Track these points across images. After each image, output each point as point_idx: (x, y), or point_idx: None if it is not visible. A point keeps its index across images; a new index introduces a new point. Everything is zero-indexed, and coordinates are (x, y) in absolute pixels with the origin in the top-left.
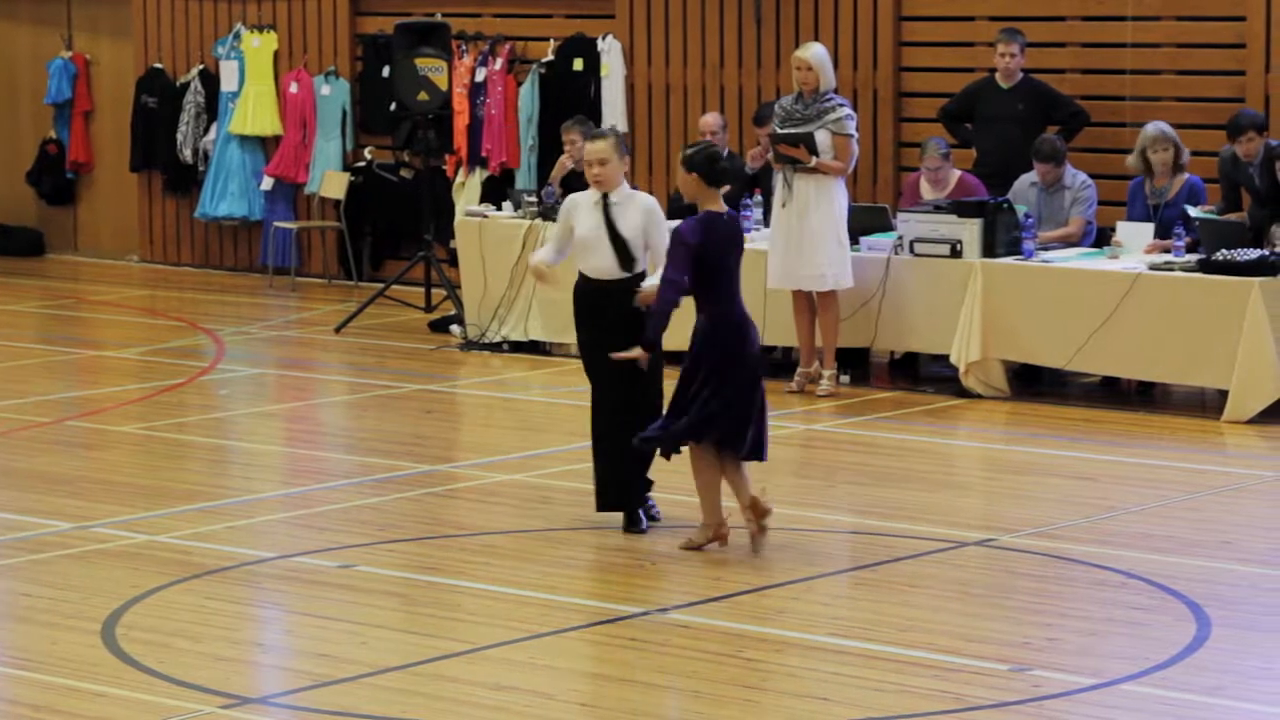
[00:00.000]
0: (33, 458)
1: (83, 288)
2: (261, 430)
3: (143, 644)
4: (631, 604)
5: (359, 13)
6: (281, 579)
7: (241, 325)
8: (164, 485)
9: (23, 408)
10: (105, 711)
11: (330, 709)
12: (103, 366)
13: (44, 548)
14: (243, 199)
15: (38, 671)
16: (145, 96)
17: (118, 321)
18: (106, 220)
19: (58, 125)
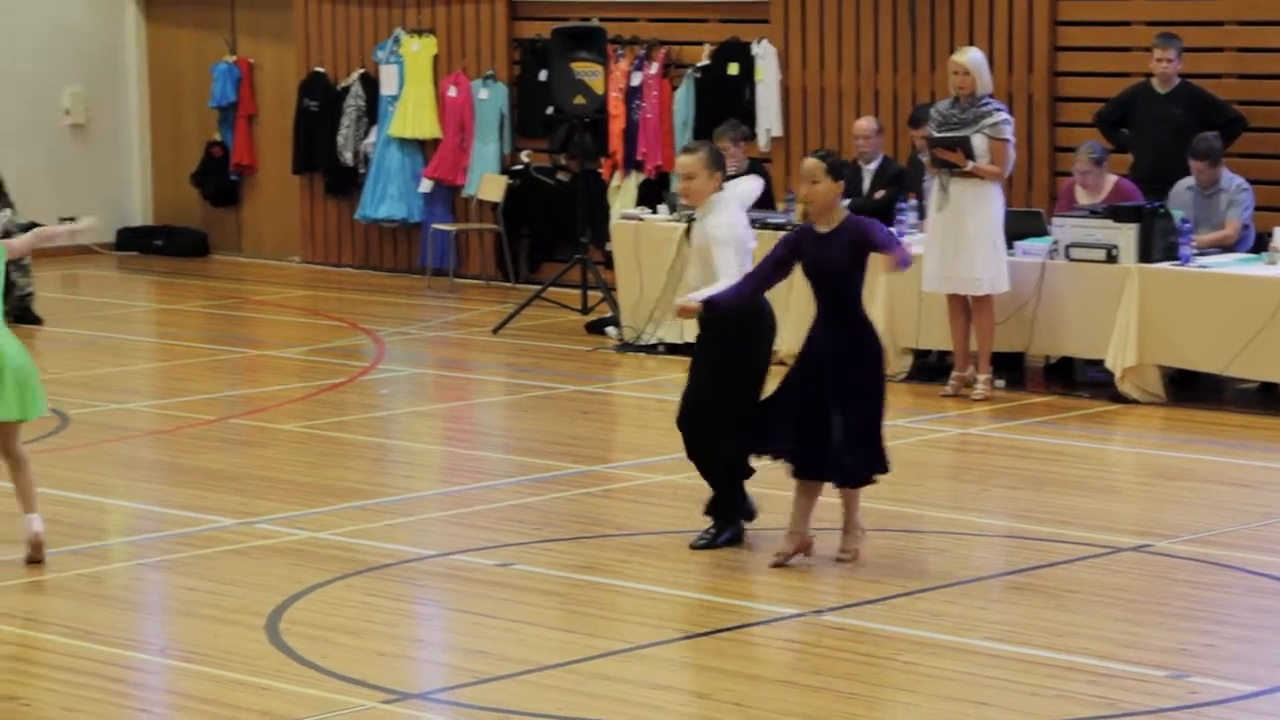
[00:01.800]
0: (197, 455)
1: (246, 288)
2: (421, 429)
3: (305, 638)
4: (788, 605)
5: (517, 17)
6: (441, 576)
7: (401, 326)
8: (326, 483)
9: (188, 406)
10: (269, 704)
11: (489, 705)
12: (265, 365)
13: (209, 543)
14: (402, 201)
15: (203, 664)
16: (307, 100)
17: (280, 321)
18: (269, 221)
19: (222, 128)
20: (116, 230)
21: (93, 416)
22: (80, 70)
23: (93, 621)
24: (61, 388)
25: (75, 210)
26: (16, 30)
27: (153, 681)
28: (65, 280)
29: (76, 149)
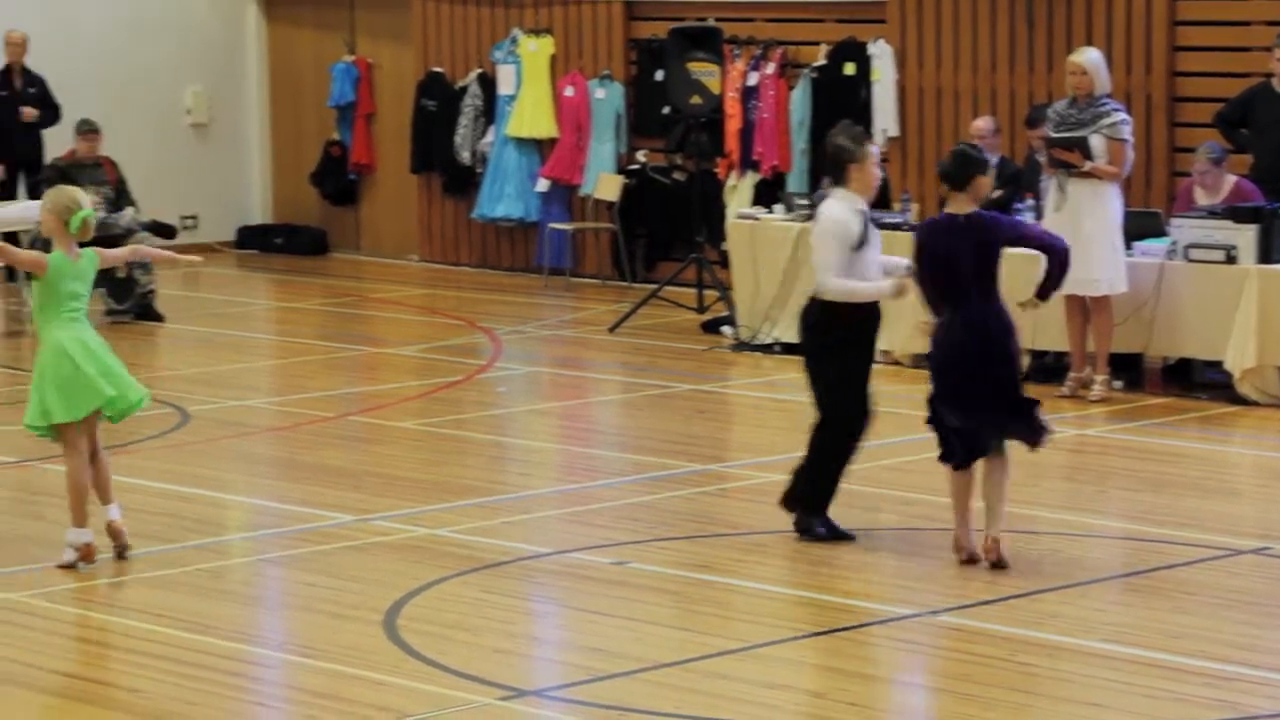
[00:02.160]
0: (316, 451)
1: (364, 286)
2: (537, 427)
3: (422, 635)
4: (904, 605)
5: (633, 17)
6: (557, 574)
7: (518, 324)
8: (443, 480)
9: (306, 403)
10: (386, 700)
11: (605, 703)
12: (383, 363)
13: (327, 539)
14: (519, 200)
15: (321, 659)
16: (425, 99)
17: (398, 319)
18: (387, 220)
19: (340, 128)
20: (237, 229)
21: (213, 413)
22: (202, 70)
23: (212, 616)
24: (182, 384)
25: (195, 209)
26: (141, 30)
27: (271, 676)
28: (186, 278)
29: (198, 148)
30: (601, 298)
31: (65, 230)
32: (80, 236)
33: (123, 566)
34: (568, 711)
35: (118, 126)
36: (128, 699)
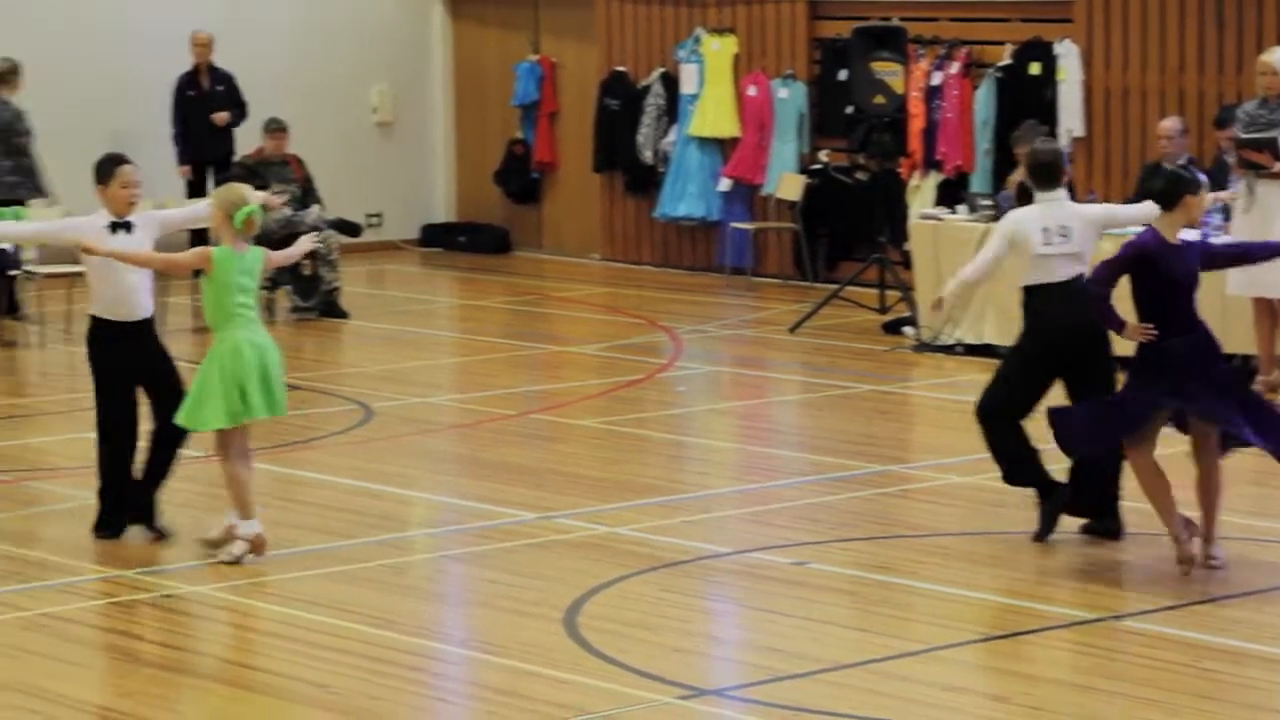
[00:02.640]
0: (498, 449)
1: (546, 285)
2: (717, 427)
3: (603, 633)
4: (1086, 609)
5: (817, 16)
6: (736, 573)
7: (699, 324)
8: (623, 479)
9: (488, 400)
10: (566, 697)
11: (784, 703)
12: (565, 362)
13: (509, 537)
14: (701, 200)
15: (502, 656)
16: (608, 99)
17: (579, 318)
18: (569, 219)
19: (524, 126)
20: (421, 227)
21: (396, 410)
22: (388, 69)
23: (395, 611)
24: (366, 381)
25: (380, 207)
26: (328, 30)
27: (452, 672)
28: (371, 275)
29: (383, 146)
30: (782, 297)
31: (231, 226)
32: (245, 232)
33: (308, 561)
34: (746, 711)
35: (305, 125)
36: (314, 693)
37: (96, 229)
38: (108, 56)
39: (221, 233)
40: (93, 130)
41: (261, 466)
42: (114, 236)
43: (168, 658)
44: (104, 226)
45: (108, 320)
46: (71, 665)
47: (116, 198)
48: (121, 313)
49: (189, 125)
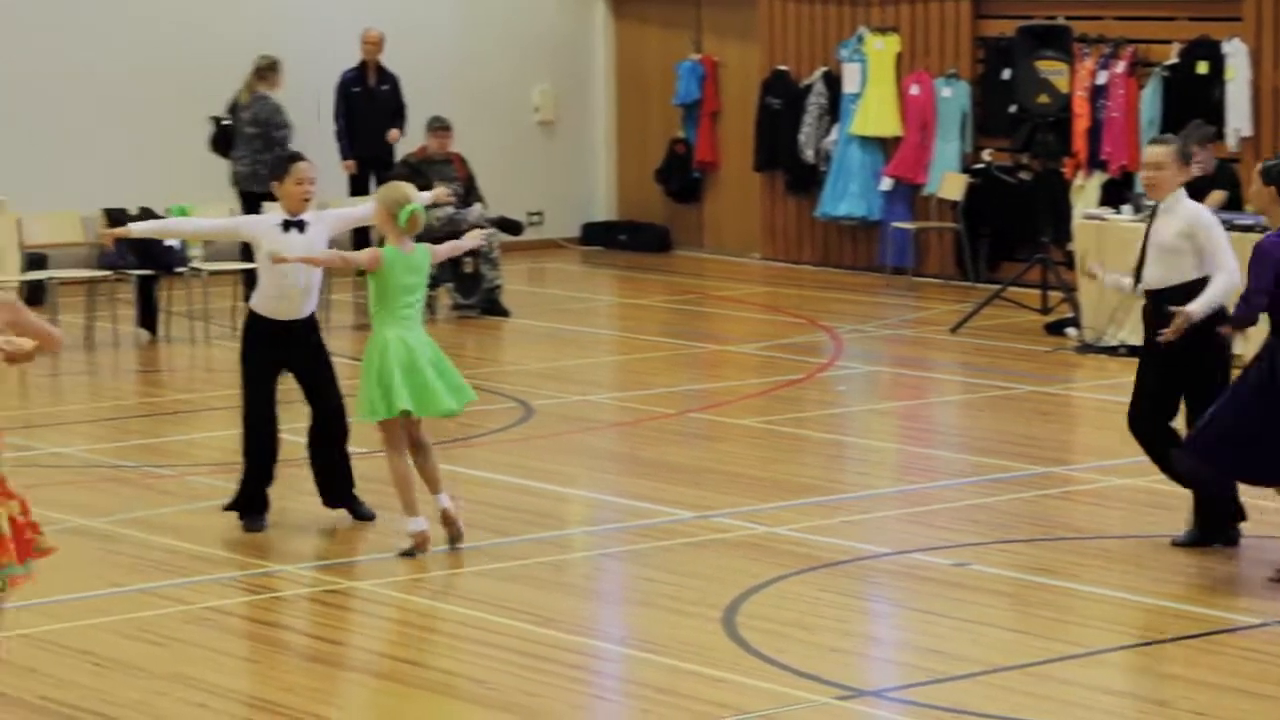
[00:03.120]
0: (657, 447)
1: (707, 284)
2: (877, 427)
3: (761, 632)
4: (1251, 614)
5: (980, 15)
6: (895, 574)
7: (859, 323)
8: (782, 478)
9: (648, 399)
10: (724, 696)
11: (942, 704)
12: (724, 361)
13: (668, 535)
14: (862, 199)
15: (660, 654)
16: (770, 98)
17: (739, 317)
18: (730, 218)
19: (686, 125)
20: (581, 225)
21: (556, 408)
22: (550, 68)
23: (554, 609)
24: (527, 379)
25: (541, 206)
26: (492, 30)
27: (610, 669)
28: (532, 274)
29: (544, 145)
30: (944, 297)
31: (395, 224)
32: (409, 230)
33: (467, 558)
34: (904, 713)
35: (468, 124)
36: (472, 689)
37: (269, 226)
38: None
39: (386, 231)
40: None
41: None
42: (286, 234)
43: (327, 652)
44: (277, 224)
45: (268, 318)
46: (233, 658)
47: (291, 194)
48: (285, 311)
49: (353, 122)
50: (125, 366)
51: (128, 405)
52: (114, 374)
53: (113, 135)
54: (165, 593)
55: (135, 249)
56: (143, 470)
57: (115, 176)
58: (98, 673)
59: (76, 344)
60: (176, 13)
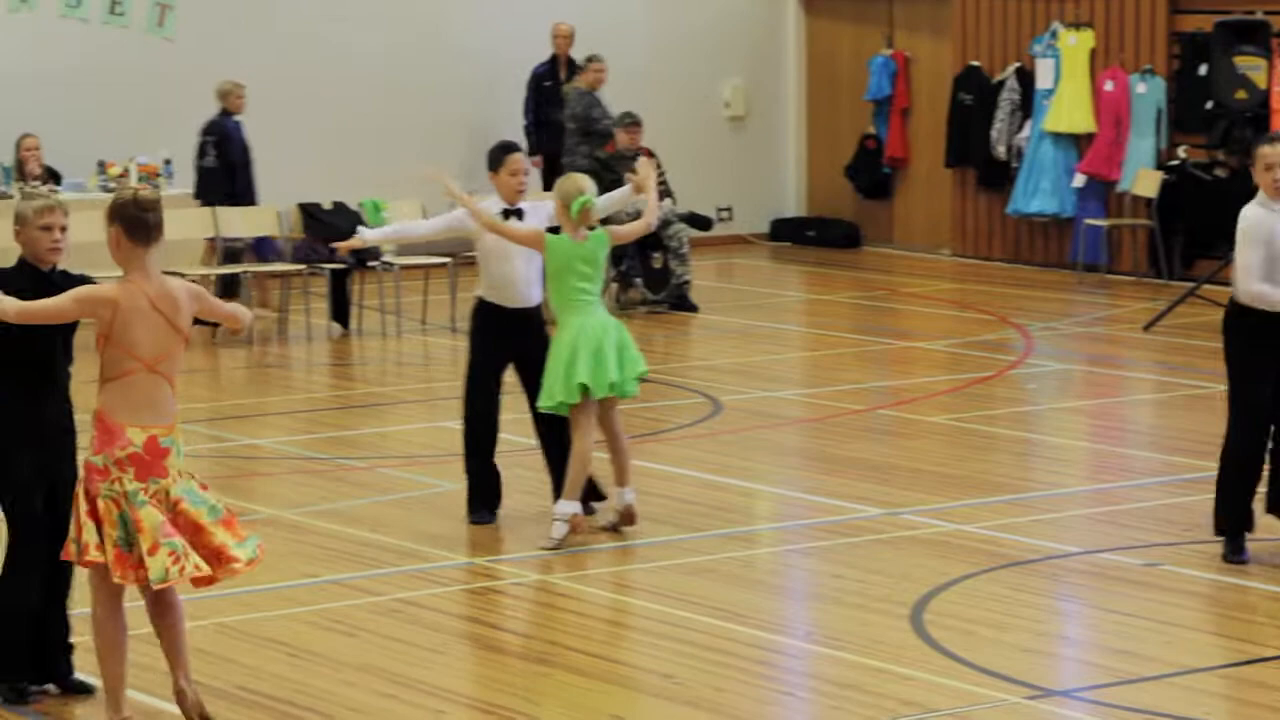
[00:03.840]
0: (846, 444)
1: (895, 280)
2: (1068, 425)
3: (949, 630)
4: None
5: (1176, 10)
6: (1085, 574)
7: (1050, 321)
8: (971, 475)
9: (836, 395)
10: (911, 694)
11: (1133, 706)
12: (913, 357)
13: (855, 532)
14: (1054, 196)
15: (847, 651)
16: (962, 93)
17: (928, 314)
18: (920, 214)
19: (876, 121)
20: (770, 221)
21: (744, 403)
22: (741, 64)
23: (741, 604)
24: (715, 374)
25: (730, 201)
26: (683, 26)
27: (797, 666)
28: (720, 269)
29: (734, 140)
30: (1137, 295)
31: (567, 215)
32: (580, 222)
33: (654, 553)
34: (1094, 713)
35: (658, 119)
36: (659, 684)
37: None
38: (463, 46)
39: (561, 221)
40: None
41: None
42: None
43: (514, 644)
44: (496, 214)
45: (495, 305)
46: (421, 650)
47: (506, 185)
48: (509, 298)
49: (543, 116)
50: (318, 360)
51: (320, 398)
52: (307, 367)
53: (308, 131)
54: (356, 584)
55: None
56: (334, 463)
57: (310, 171)
58: (291, 663)
59: (270, 337)
60: (366, 8)
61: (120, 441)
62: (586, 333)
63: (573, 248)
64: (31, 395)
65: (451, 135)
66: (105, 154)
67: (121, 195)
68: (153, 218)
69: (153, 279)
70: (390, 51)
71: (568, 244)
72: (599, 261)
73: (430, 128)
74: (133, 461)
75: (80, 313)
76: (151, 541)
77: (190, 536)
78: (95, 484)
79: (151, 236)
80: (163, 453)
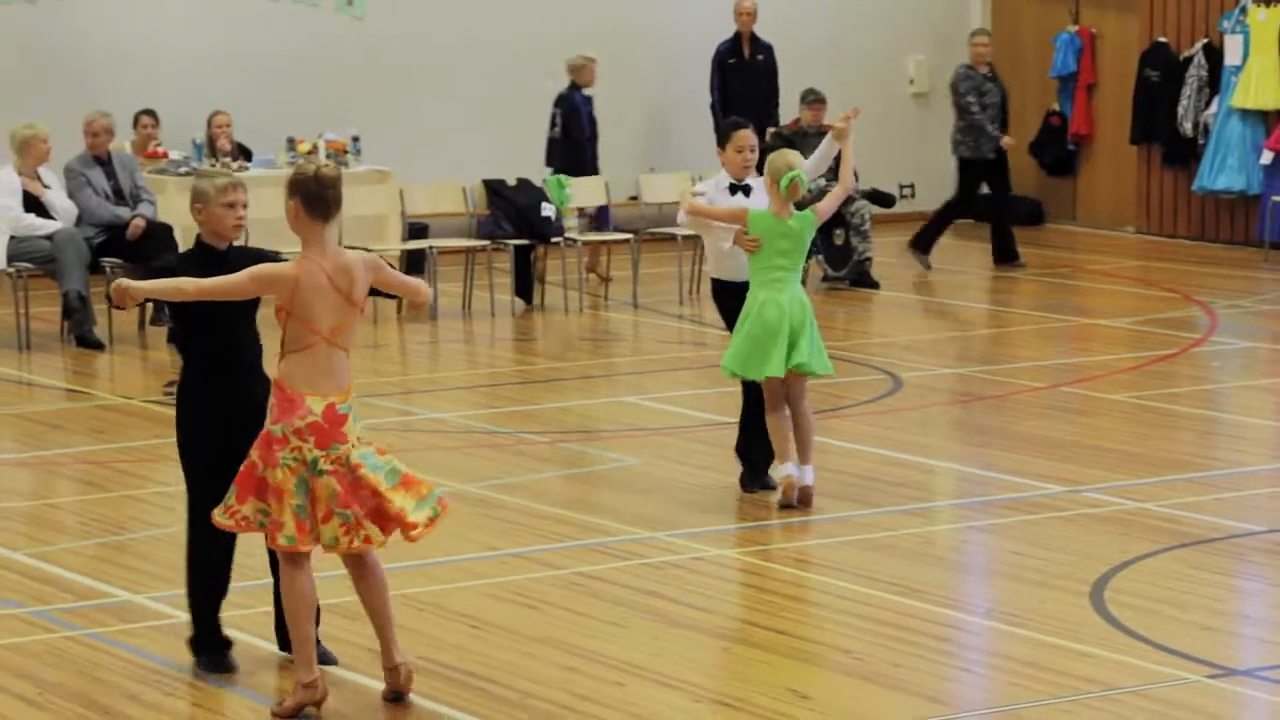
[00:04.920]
0: (1026, 421)
1: (1079, 257)
2: (1252, 403)
3: (1130, 608)
4: None
5: None
6: (1269, 552)
7: (1235, 298)
8: (1153, 453)
9: (1017, 372)
10: (1091, 671)
11: None
12: (1095, 335)
13: (1036, 509)
14: (1241, 173)
15: (1026, 628)
16: (1148, 70)
17: (1111, 290)
18: (1104, 191)
19: (1061, 98)
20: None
21: (924, 380)
22: (925, 40)
23: (920, 581)
24: (895, 351)
25: (913, 178)
26: (865, 2)
27: (975, 642)
28: (902, 246)
29: (917, 117)
30: None
31: (776, 190)
32: (789, 196)
33: (833, 528)
34: (1277, 693)
35: (841, 96)
36: (838, 658)
37: (719, 190)
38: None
39: (770, 196)
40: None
41: None
42: (733, 198)
43: (694, 618)
44: (724, 188)
45: (724, 280)
46: (604, 623)
47: (733, 161)
48: (731, 272)
49: (729, 94)
50: (501, 335)
51: (503, 373)
52: (490, 342)
53: (494, 107)
54: (537, 557)
55: (510, 217)
56: (516, 436)
57: (495, 148)
58: (472, 634)
59: (454, 312)
60: None
61: (300, 411)
62: (766, 310)
63: (776, 224)
64: (219, 376)
65: (634, 114)
66: (294, 131)
67: (303, 170)
68: (332, 194)
69: (329, 253)
70: (574, 30)
71: (771, 220)
72: (802, 241)
73: (613, 105)
74: (313, 430)
75: (258, 290)
76: (326, 509)
77: (370, 502)
78: (274, 454)
79: (330, 212)
80: (340, 419)
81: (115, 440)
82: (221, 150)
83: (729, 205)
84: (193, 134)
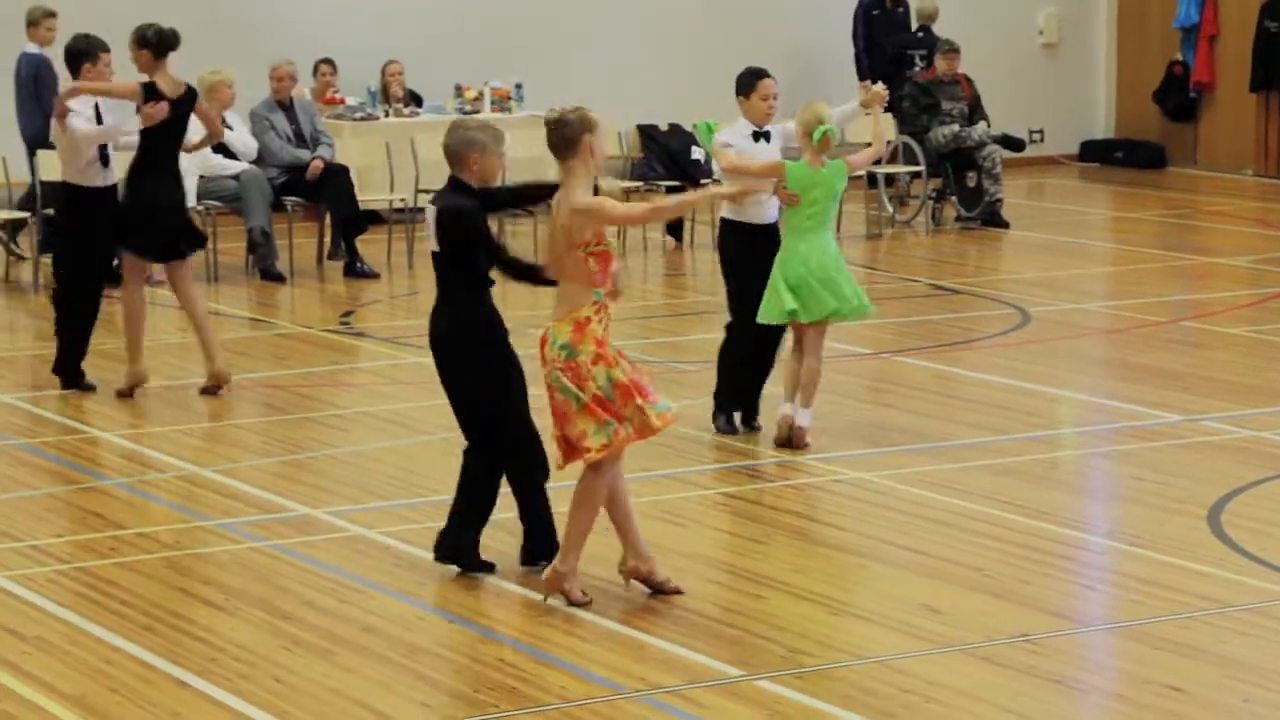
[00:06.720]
0: (1147, 354)
1: (1199, 199)
2: None
3: (1246, 530)
4: None
5: None
6: None
7: None
8: (1269, 385)
9: (1140, 307)
10: (1209, 590)
11: None
12: (1214, 273)
13: (1155, 436)
14: None
15: (1146, 549)
16: (1267, 21)
17: (1231, 231)
18: (1224, 137)
19: (1184, 48)
20: (1080, 143)
21: (1051, 314)
22: None
23: (1046, 503)
24: (1023, 287)
25: (1042, 124)
26: None
27: (1097, 561)
28: (1031, 188)
29: (1046, 66)
30: None
31: (809, 142)
32: (821, 149)
33: (963, 454)
34: None
35: (975, 46)
36: (970, 575)
37: (742, 137)
38: None
39: (803, 146)
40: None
41: (922, 364)
42: (756, 144)
43: (833, 537)
44: (748, 135)
45: (737, 222)
46: (747, 540)
47: (756, 108)
48: (755, 215)
49: (872, 44)
50: (652, 270)
51: (654, 306)
52: (642, 277)
53: (646, 53)
54: (687, 478)
55: (663, 160)
56: (666, 365)
57: (647, 93)
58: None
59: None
60: None
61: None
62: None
63: (811, 174)
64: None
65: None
66: (461, 79)
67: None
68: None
69: None
70: None
71: (806, 171)
72: (835, 190)
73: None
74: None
75: None
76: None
77: (560, 423)
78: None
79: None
80: (544, 342)
81: (295, 366)
82: (394, 97)
83: (754, 153)
84: (368, 81)
